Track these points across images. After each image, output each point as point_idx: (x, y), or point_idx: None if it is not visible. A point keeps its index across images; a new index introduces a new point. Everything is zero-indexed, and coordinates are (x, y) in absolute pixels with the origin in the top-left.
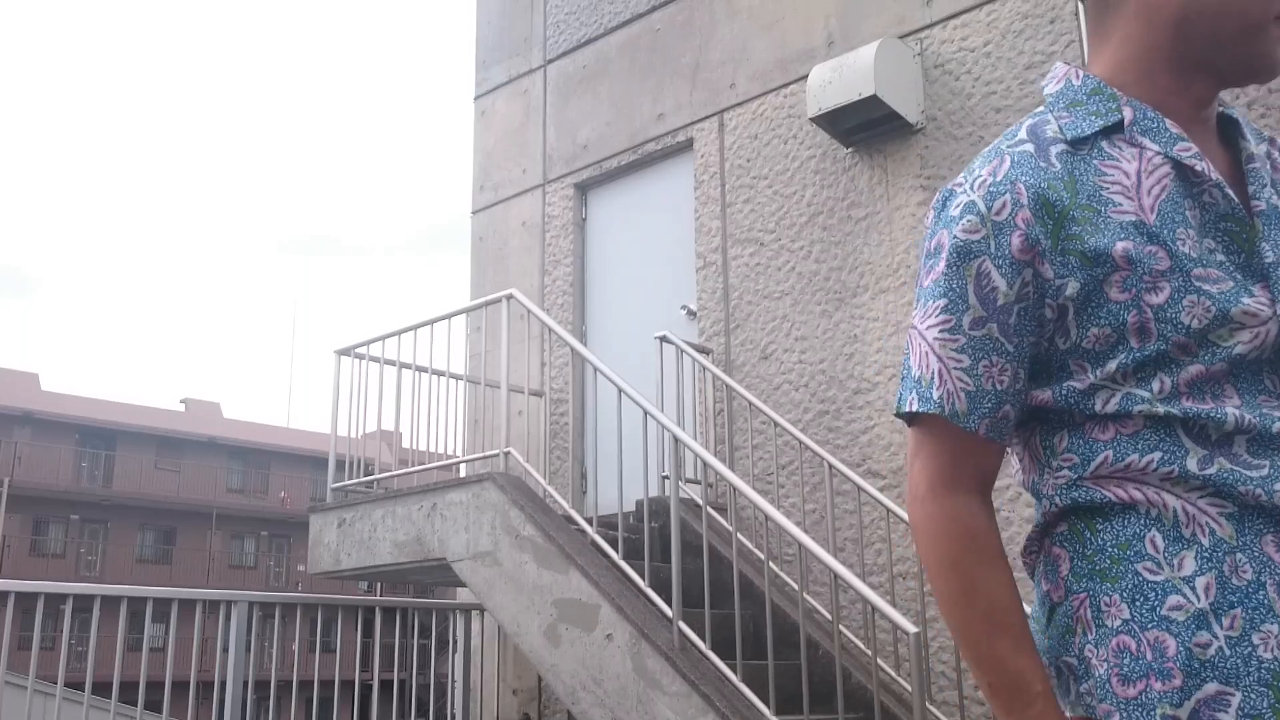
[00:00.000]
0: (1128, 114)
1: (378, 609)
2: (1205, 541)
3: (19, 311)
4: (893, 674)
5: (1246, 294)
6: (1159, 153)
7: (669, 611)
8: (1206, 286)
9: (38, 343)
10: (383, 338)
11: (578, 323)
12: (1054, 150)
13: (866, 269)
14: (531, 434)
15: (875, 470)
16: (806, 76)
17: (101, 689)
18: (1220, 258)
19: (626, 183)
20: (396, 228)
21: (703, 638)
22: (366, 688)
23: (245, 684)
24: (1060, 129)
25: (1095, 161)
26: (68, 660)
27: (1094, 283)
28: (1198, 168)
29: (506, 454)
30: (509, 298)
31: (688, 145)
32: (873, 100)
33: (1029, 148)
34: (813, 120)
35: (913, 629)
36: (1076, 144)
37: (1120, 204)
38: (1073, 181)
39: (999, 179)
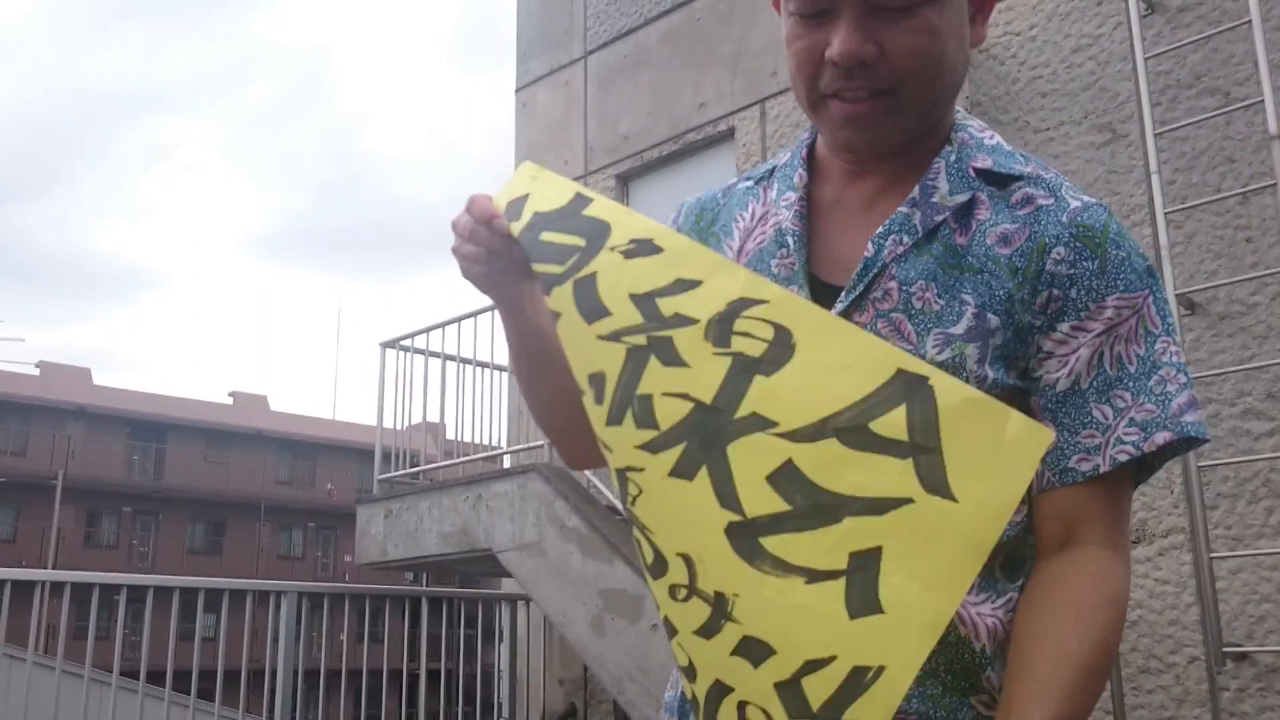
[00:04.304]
0: (783, 159)
1: (424, 599)
2: None
3: (74, 305)
4: None
5: None
6: (774, 201)
7: None
8: None
9: (91, 336)
10: (427, 330)
11: None
12: (739, 185)
13: None
14: None
15: None
16: None
17: (155, 678)
18: None
19: (668, 173)
20: (438, 216)
21: None
22: (414, 677)
23: (295, 673)
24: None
25: (748, 198)
26: (122, 650)
27: None
28: (783, 224)
29: (551, 445)
30: None
31: (729, 134)
32: None
33: (730, 182)
34: None
35: None
36: (758, 181)
37: (734, 238)
38: (716, 211)
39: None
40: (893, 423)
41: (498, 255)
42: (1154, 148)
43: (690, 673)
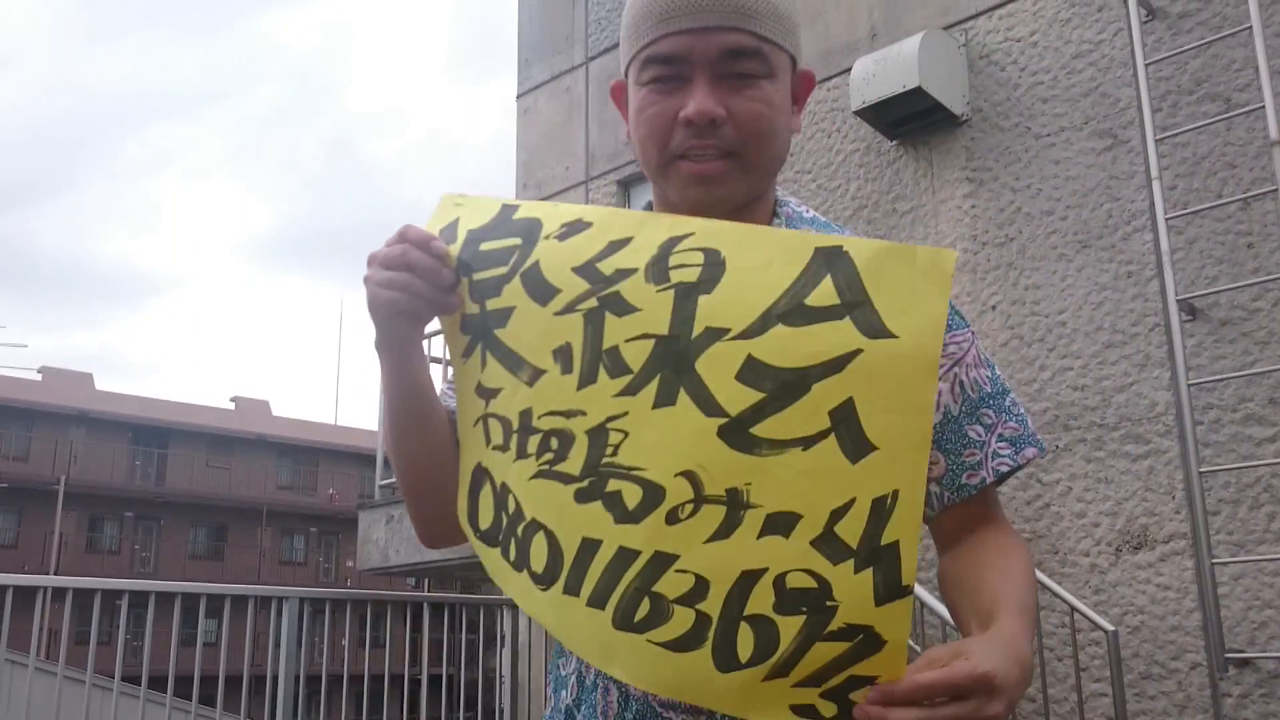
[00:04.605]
0: None
1: (426, 605)
2: None
3: (76, 310)
4: None
5: None
6: None
7: None
8: None
9: (94, 341)
10: (429, 335)
11: None
12: None
13: None
14: None
15: None
16: (850, 69)
17: (157, 683)
18: None
19: None
20: None
21: None
22: (415, 683)
23: (297, 678)
24: None
25: None
26: (124, 655)
27: None
28: None
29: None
30: None
31: None
32: (917, 92)
33: None
34: (856, 113)
35: None
36: None
37: None
38: None
39: None
40: (824, 292)
41: (417, 280)
42: (1155, 153)
43: (698, 593)
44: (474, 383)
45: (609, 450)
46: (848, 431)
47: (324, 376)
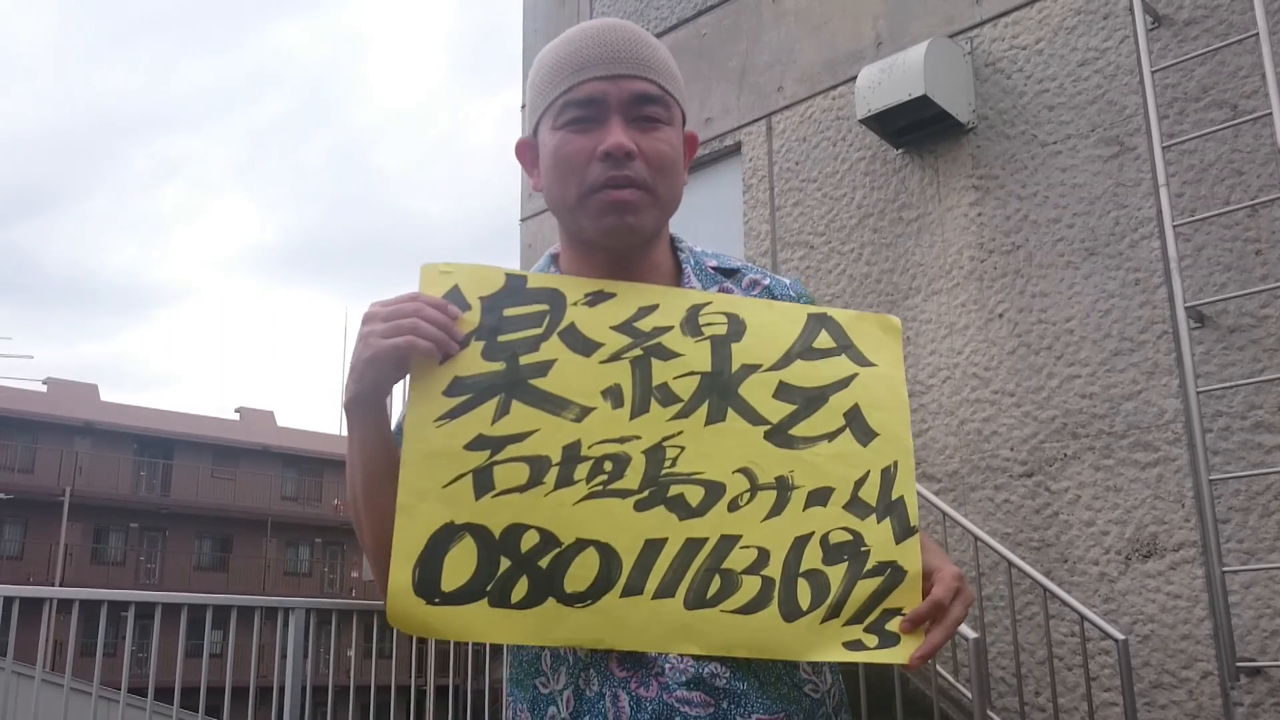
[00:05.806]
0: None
1: None
2: (571, 659)
3: (82, 321)
4: (951, 680)
5: None
6: None
7: None
8: None
9: (99, 353)
10: None
11: None
12: None
13: (919, 270)
14: None
15: (930, 474)
16: (855, 78)
17: (163, 694)
18: None
19: None
20: (446, 234)
21: None
22: (421, 693)
23: (303, 689)
24: None
25: None
26: (130, 666)
27: None
28: None
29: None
30: None
31: (736, 149)
32: (923, 100)
33: None
34: (862, 122)
35: (972, 634)
36: None
37: None
38: None
39: None
40: (823, 340)
41: (427, 325)
42: (1162, 161)
43: (761, 562)
44: (467, 439)
45: (667, 463)
46: (858, 426)
47: (329, 387)
